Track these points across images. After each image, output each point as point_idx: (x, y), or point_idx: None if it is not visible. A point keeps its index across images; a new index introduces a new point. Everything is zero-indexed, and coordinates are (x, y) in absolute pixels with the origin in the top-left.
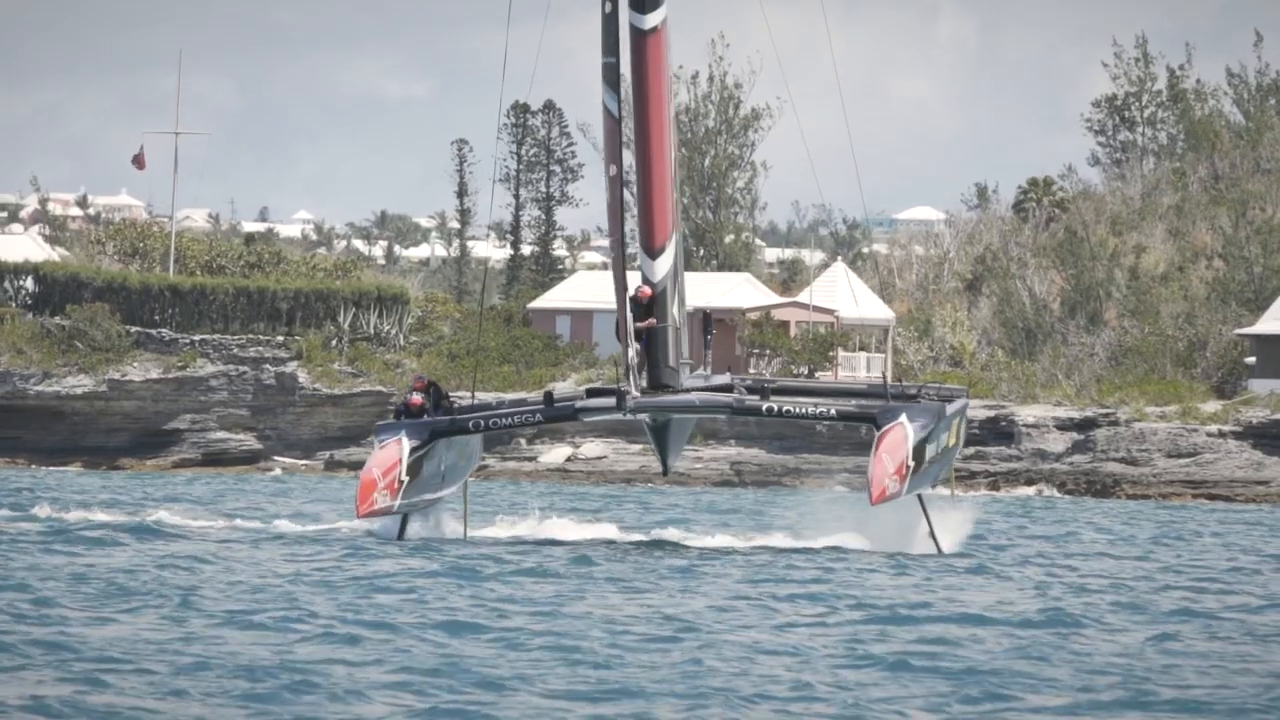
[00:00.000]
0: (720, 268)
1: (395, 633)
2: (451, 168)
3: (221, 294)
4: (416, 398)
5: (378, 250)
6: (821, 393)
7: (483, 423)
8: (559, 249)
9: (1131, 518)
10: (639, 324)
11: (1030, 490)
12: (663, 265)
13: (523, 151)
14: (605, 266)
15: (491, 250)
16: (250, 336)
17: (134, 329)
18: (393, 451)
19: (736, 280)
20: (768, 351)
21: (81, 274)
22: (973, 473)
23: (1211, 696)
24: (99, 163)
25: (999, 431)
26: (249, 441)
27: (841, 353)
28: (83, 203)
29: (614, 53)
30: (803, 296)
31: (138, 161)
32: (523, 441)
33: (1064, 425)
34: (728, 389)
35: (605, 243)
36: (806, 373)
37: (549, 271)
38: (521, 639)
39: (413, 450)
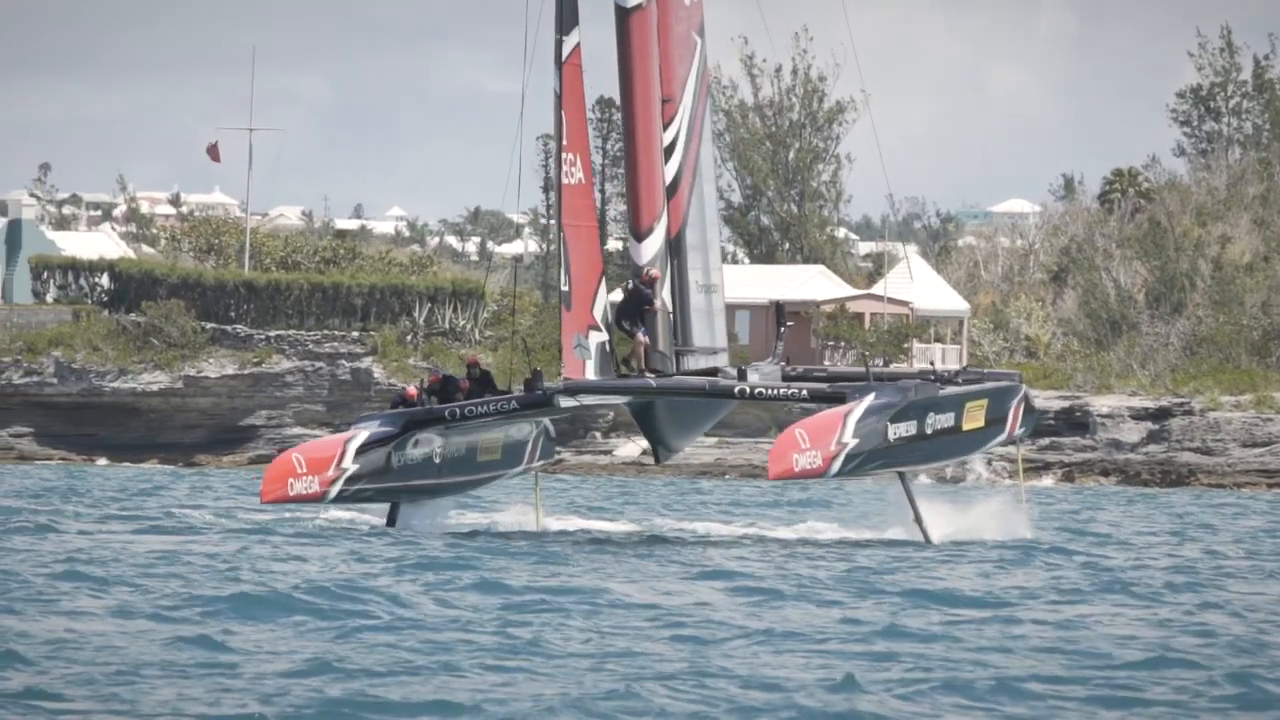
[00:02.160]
0: (806, 261)
1: (371, 620)
2: (537, 163)
3: (296, 290)
4: (412, 389)
5: (471, 246)
6: (838, 379)
7: (459, 412)
8: None
9: (1190, 507)
10: (648, 308)
11: (1105, 480)
12: (650, 248)
13: (608, 146)
14: None
15: None
16: (325, 332)
17: (209, 325)
18: (336, 440)
19: (811, 272)
20: (842, 344)
21: (157, 271)
22: (1047, 463)
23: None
24: (193, 161)
25: (1073, 422)
26: (325, 437)
27: (916, 344)
28: (175, 201)
29: (562, 30)
30: (877, 288)
31: (212, 153)
32: (598, 435)
33: (1138, 415)
34: (711, 373)
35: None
36: (881, 364)
37: None
38: (526, 634)
39: (373, 440)
